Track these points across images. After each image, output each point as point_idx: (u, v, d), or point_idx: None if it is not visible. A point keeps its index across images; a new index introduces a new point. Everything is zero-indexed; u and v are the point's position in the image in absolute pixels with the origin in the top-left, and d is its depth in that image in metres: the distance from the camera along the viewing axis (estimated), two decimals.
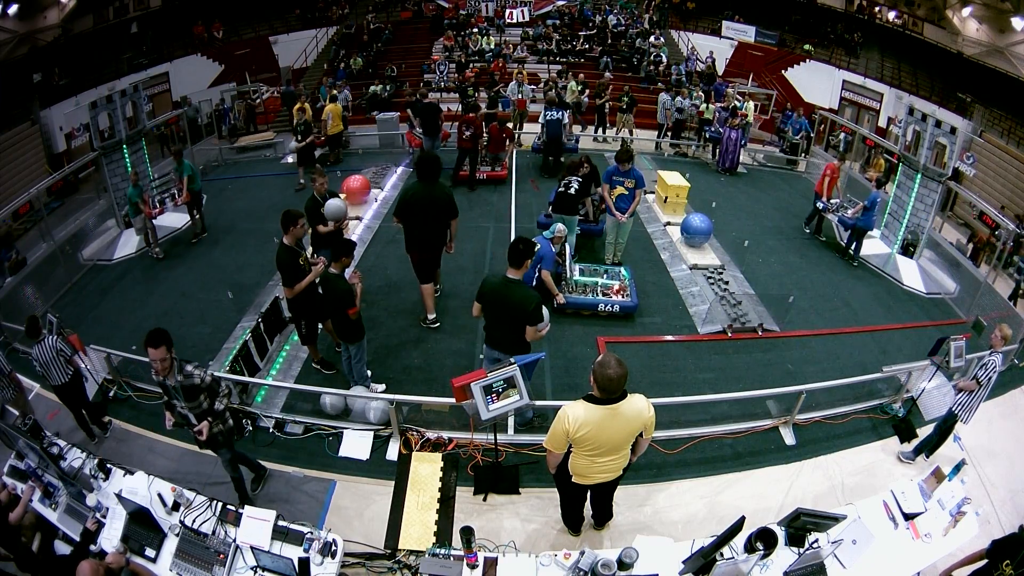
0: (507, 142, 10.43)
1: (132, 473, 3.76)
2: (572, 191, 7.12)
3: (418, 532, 4.14)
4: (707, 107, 12.74)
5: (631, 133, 13.08)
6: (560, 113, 10.54)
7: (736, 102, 12.64)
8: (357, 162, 11.42)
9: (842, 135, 13.54)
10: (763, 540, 3.08)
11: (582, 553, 3.12)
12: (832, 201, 8.89)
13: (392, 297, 6.91)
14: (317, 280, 5.13)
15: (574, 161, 7.64)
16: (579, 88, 13.16)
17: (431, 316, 6.33)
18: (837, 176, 9.20)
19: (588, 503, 3.99)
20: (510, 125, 11.14)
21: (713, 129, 12.20)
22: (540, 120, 11.21)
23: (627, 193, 6.88)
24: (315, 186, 6.31)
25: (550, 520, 4.22)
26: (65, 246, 7.88)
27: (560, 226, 6.58)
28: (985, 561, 3.54)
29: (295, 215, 4.95)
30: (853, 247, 8.31)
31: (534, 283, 6.38)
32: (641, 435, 3.34)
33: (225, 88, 15.78)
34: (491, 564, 3.17)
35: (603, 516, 4.09)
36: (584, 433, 3.15)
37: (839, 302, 7.34)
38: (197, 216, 8.58)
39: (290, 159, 11.34)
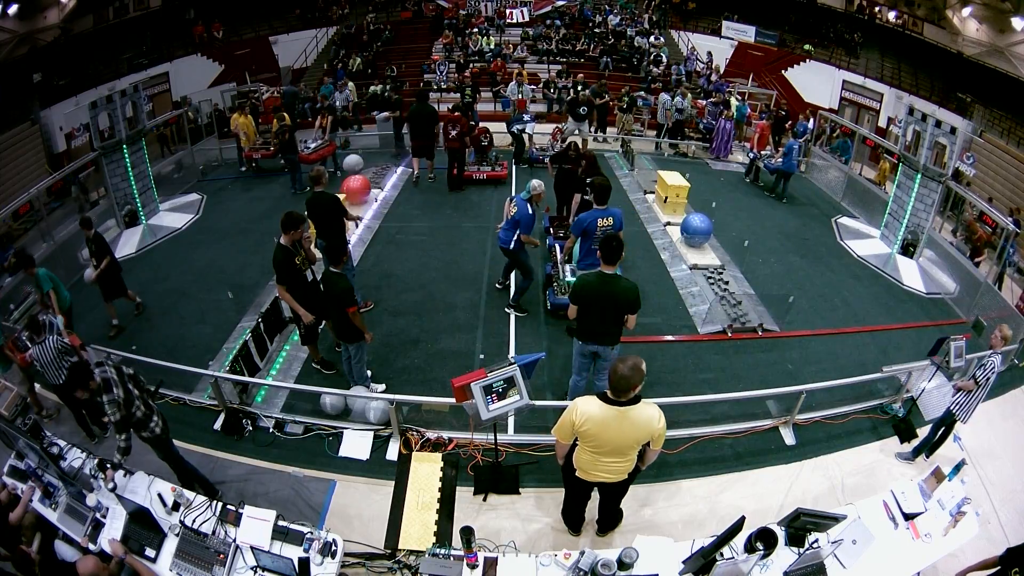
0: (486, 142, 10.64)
1: (132, 473, 3.75)
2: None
3: (418, 532, 4.14)
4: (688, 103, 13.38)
5: (629, 133, 13.10)
6: (527, 120, 11.42)
7: (730, 98, 13.29)
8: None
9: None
10: (763, 540, 3.09)
11: (582, 553, 3.12)
12: (763, 153, 11.23)
13: (392, 297, 6.90)
14: (317, 279, 5.16)
15: (590, 153, 7.62)
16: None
17: (419, 175, 10.17)
18: (768, 134, 11.90)
19: (593, 506, 3.99)
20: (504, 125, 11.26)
21: (705, 122, 13.02)
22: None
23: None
24: (322, 181, 6.13)
25: (550, 520, 4.23)
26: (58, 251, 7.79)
27: (537, 182, 6.31)
28: (997, 568, 3.54)
29: (297, 220, 4.99)
30: (781, 187, 10.47)
31: (511, 246, 6.19)
32: (649, 444, 3.34)
33: (225, 88, 15.78)
34: (491, 564, 3.17)
35: (607, 522, 4.08)
36: (587, 428, 3.22)
37: (839, 302, 7.33)
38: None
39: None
